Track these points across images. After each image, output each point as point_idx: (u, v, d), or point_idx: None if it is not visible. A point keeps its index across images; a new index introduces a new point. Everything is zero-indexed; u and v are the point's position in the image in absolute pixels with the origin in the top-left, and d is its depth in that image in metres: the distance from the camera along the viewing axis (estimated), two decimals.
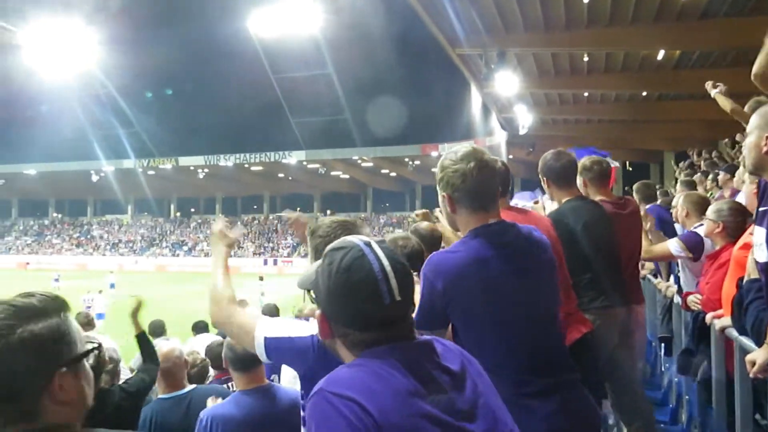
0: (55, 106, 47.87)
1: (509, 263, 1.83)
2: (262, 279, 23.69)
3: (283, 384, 3.18)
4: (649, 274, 5.54)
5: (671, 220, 4.87)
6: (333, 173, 49.13)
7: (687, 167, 10.63)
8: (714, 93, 4.08)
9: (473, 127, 33.34)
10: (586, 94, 20.38)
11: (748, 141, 2.11)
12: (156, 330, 7.25)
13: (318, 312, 1.26)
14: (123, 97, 50.26)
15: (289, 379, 3.23)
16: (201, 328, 7.71)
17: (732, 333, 2.59)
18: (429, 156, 39.40)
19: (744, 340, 2.42)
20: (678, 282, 4.28)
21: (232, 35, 40.46)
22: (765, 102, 3.39)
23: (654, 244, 4.11)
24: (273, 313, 6.79)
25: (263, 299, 19.33)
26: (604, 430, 3.37)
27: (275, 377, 3.43)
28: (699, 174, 7.72)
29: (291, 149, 45.87)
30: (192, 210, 61.10)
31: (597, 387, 2.38)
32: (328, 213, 47.42)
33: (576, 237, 3.08)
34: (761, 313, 2.24)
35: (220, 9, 41.51)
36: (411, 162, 43.93)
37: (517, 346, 1.80)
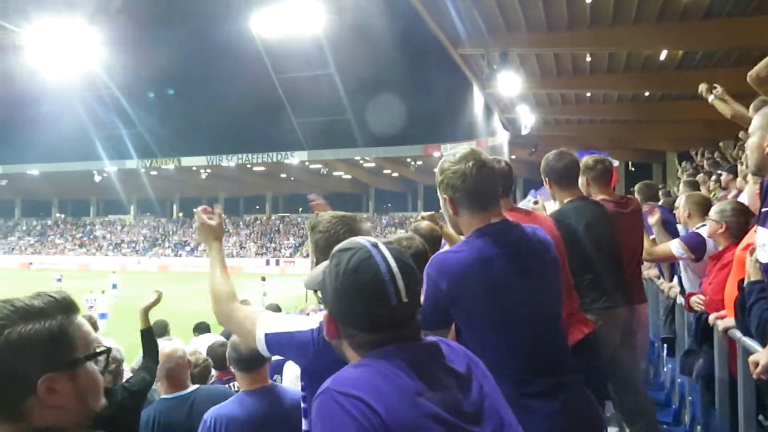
0: (58, 106, 47.97)
1: (513, 263, 1.82)
2: (264, 279, 23.69)
3: (285, 384, 3.18)
4: (653, 276, 5.52)
5: (673, 220, 4.85)
6: (335, 174, 49.16)
7: (690, 167, 10.61)
8: (711, 99, 4.03)
9: (475, 128, 33.33)
10: (588, 94, 20.35)
11: (750, 141, 2.11)
12: (159, 330, 7.25)
13: (325, 312, 1.27)
14: (125, 98, 50.40)
15: (291, 379, 3.24)
16: (202, 328, 7.72)
17: (735, 334, 2.58)
18: (431, 156, 39.38)
19: (747, 340, 2.41)
20: (681, 283, 4.27)
21: (234, 35, 40.55)
22: None
23: (658, 243, 4.10)
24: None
25: (265, 299, 19.37)
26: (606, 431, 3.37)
27: (277, 377, 3.43)
28: (702, 174, 7.71)
29: (293, 149, 45.91)
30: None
31: (599, 388, 2.38)
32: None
33: (578, 237, 3.08)
34: (765, 314, 2.24)
35: (222, 9, 41.61)
36: (413, 162, 43.95)
37: (520, 345, 1.80)
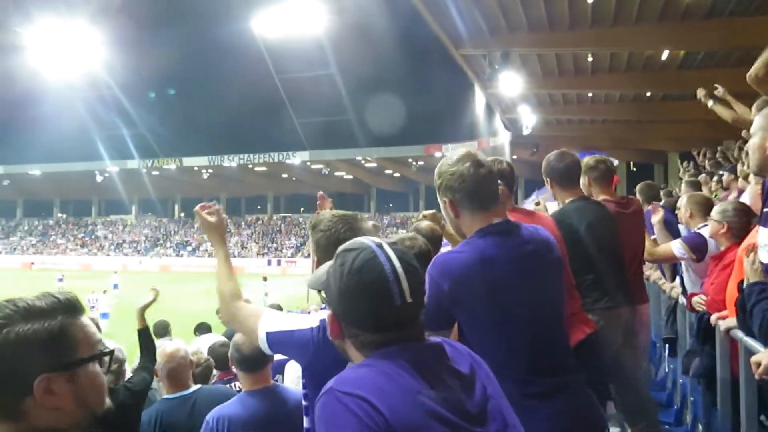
0: (60, 106, 48.03)
1: (515, 263, 1.82)
2: (265, 279, 23.71)
3: (287, 384, 3.18)
4: (656, 279, 5.49)
5: (675, 220, 4.85)
6: (337, 174, 49.18)
7: (691, 168, 10.59)
8: (711, 105, 4.02)
9: (477, 128, 33.30)
10: (590, 94, 20.32)
11: (752, 142, 2.11)
12: (160, 331, 7.27)
13: (328, 312, 1.26)
14: (127, 98, 50.48)
15: (293, 379, 3.24)
16: (204, 329, 7.73)
17: (737, 334, 2.58)
18: (433, 156, 39.37)
19: (749, 341, 2.41)
20: (682, 283, 4.27)
21: (236, 36, 40.60)
22: None
23: (659, 243, 4.10)
24: None
25: (267, 300, 19.39)
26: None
27: (279, 377, 3.43)
28: (703, 175, 7.69)
29: (295, 150, 45.94)
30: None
31: (601, 388, 2.38)
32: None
33: (579, 237, 3.07)
34: (767, 314, 2.24)
35: (224, 9, 41.65)
36: (415, 162, 43.95)
37: (522, 346, 1.80)
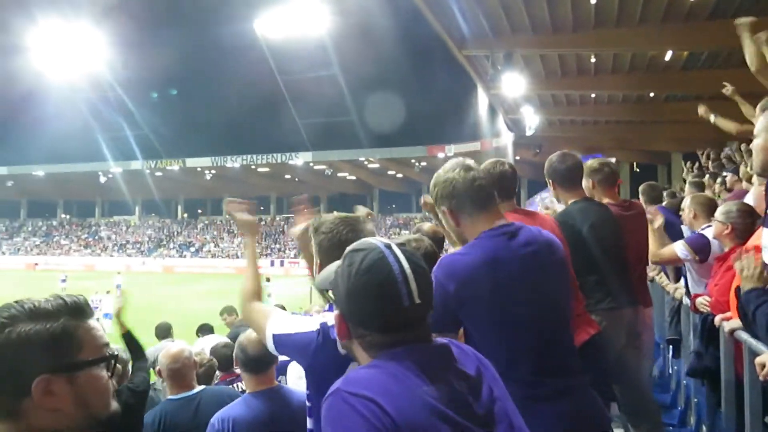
0: (63, 107, 48.21)
1: (520, 264, 1.82)
2: (269, 280, 23.67)
3: (289, 384, 3.18)
4: (663, 284, 5.47)
5: (677, 221, 4.84)
6: (339, 174, 49.19)
7: (695, 169, 10.56)
8: (713, 119, 4.03)
9: (480, 129, 33.24)
10: (593, 95, 20.28)
11: (756, 143, 2.11)
12: (162, 332, 7.28)
13: (336, 312, 1.27)
14: (131, 99, 50.65)
15: (294, 380, 3.24)
16: (206, 330, 7.73)
17: (741, 335, 2.57)
18: (435, 157, 39.35)
19: (753, 342, 2.40)
20: (686, 284, 4.26)
21: (239, 36, 40.69)
22: None
23: (661, 247, 4.09)
24: None
25: (270, 300, 19.39)
26: None
27: (282, 378, 3.43)
28: (707, 176, 7.67)
29: (298, 150, 45.97)
30: (199, 211, 61.28)
31: (605, 389, 2.37)
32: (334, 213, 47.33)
33: (582, 238, 3.07)
34: None
35: (226, 10, 41.75)
36: (417, 163, 43.94)
37: (528, 347, 1.80)
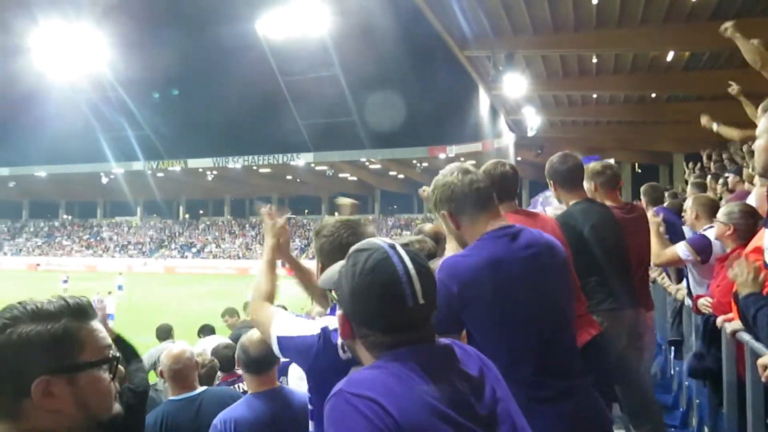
0: (65, 108, 48.26)
1: (521, 266, 1.82)
2: None
3: (290, 386, 3.18)
4: (659, 279, 5.47)
5: (678, 222, 4.83)
6: (341, 175, 49.21)
7: (697, 170, 10.55)
8: (716, 128, 4.05)
9: (481, 129, 33.24)
10: (594, 95, 20.27)
11: (758, 143, 2.10)
12: (163, 334, 7.28)
13: (340, 312, 1.26)
14: (132, 99, 50.67)
15: (295, 381, 3.24)
16: (207, 330, 7.72)
17: (743, 336, 2.56)
18: (437, 158, 39.37)
19: (755, 343, 2.39)
20: (688, 285, 4.25)
21: (240, 37, 40.74)
22: None
23: (663, 249, 4.08)
24: None
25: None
26: None
27: (284, 379, 3.43)
28: (709, 177, 7.66)
29: (299, 151, 45.98)
30: (201, 212, 61.37)
31: (606, 390, 2.37)
32: (336, 214, 47.46)
33: (584, 239, 3.06)
34: None
35: (228, 11, 41.79)
36: (419, 164, 43.94)
37: (530, 348, 1.80)
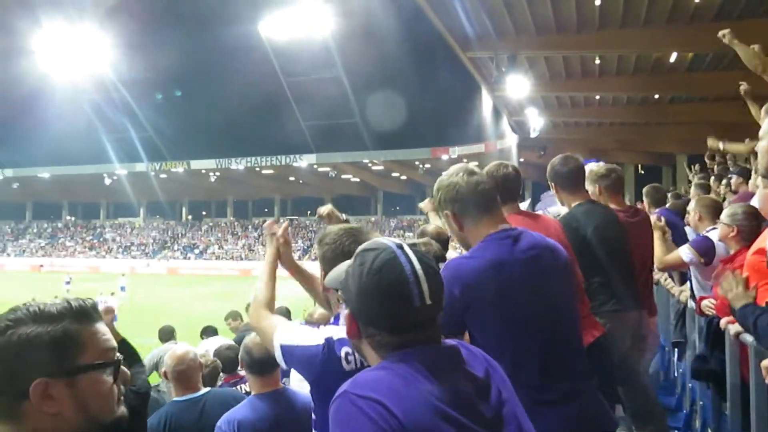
0: (68, 109, 48.32)
1: (522, 268, 1.82)
2: None
3: (292, 387, 3.18)
4: (663, 281, 5.46)
5: (680, 223, 4.83)
6: (344, 176, 49.22)
7: (700, 171, 10.52)
8: (722, 147, 4.09)
9: (484, 130, 33.27)
10: (597, 96, 20.27)
11: (761, 145, 2.11)
12: (165, 335, 7.29)
13: (346, 312, 1.26)
14: (135, 101, 50.72)
15: (298, 382, 3.24)
16: (210, 332, 7.73)
17: (746, 338, 2.56)
18: (439, 159, 39.33)
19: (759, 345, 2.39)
20: (692, 287, 4.25)
21: (243, 38, 40.71)
22: None
23: (666, 253, 4.08)
24: (285, 316, 6.81)
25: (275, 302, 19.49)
26: None
27: (286, 380, 3.44)
28: (713, 178, 7.64)
29: (302, 152, 45.99)
30: (203, 213, 61.46)
31: (610, 391, 2.37)
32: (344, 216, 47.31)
33: (587, 240, 3.05)
34: None
35: (231, 12, 41.82)
36: (421, 165, 43.92)
37: (532, 351, 1.79)
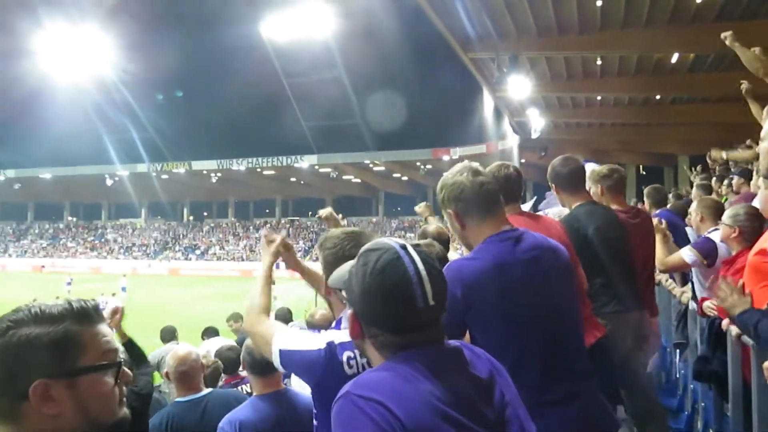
0: (70, 110, 48.39)
1: (523, 269, 1.82)
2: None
3: (294, 388, 3.18)
4: (664, 282, 5.46)
5: (681, 224, 4.82)
6: (345, 177, 49.23)
7: (701, 171, 10.51)
8: (725, 156, 4.10)
9: (485, 131, 33.27)
10: (599, 97, 20.25)
11: (763, 146, 2.10)
12: (167, 336, 7.30)
13: (349, 311, 1.27)
14: (136, 102, 50.80)
15: (299, 383, 3.24)
16: (211, 333, 7.74)
17: (748, 339, 2.55)
18: (440, 160, 39.35)
19: None
20: (693, 288, 4.24)
21: (244, 39, 40.77)
22: None
23: (668, 255, 4.08)
24: (286, 317, 6.83)
25: (276, 303, 19.48)
26: None
27: (288, 381, 3.44)
28: (714, 179, 7.64)
29: (303, 153, 46.01)
30: (205, 214, 61.47)
31: (611, 392, 2.36)
32: (340, 216, 47.32)
33: (588, 240, 3.05)
34: None
35: (232, 13, 41.88)
36: (423, 166, 43.93)
37: (533, 352, 1.79)
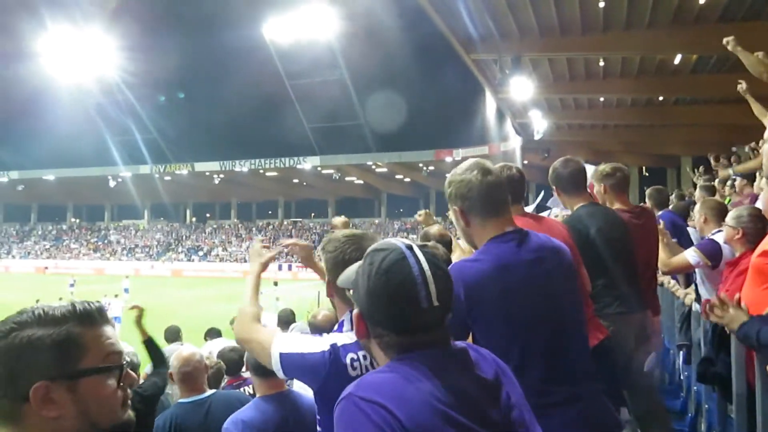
0: (73, 112, 48.50)
1: (526, 271, 1.82)
2: (276, 284, 23.77)
3: (296, 389, 3.19)
4: (667, 283, 5.45)
5: (683, 224, 4.82)
6: (347, 179, 49.26)
7: (704, 172, 10.50)
8: (732, 171, 4.10)
9: (488, 133, 33.23)
10: (601, 98, 20.21)
11: (765, 148, 2.10)
12: (172, 336, 7.31)
13: (355, 311, 1.27)
14: (139, 103, 50.88)
15: (301, 384, 3.24)
16: (214, 334, 7.75)
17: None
18: (443, 161, 39.36)
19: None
20: (697, 289, 4.24)
21: (247, 41, 40.80)
22: None
23: (671, 256, 4.07)
24: (289, 318, 6.84)
25: (278, 304, 19.45)
26: None
27: (290, 382, 3.44)
28: (717, 180, 7.64)
29: (305, 155, 46.04)
30: (207, 215, 61.53)
31: (615, 394, 2.36)
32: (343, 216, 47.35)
33: (591, 241, 3.05)
34: None
35: (235, 15, 41.92)
36: (425, 167, 43.94)
37: (536, 354, 1.79)
